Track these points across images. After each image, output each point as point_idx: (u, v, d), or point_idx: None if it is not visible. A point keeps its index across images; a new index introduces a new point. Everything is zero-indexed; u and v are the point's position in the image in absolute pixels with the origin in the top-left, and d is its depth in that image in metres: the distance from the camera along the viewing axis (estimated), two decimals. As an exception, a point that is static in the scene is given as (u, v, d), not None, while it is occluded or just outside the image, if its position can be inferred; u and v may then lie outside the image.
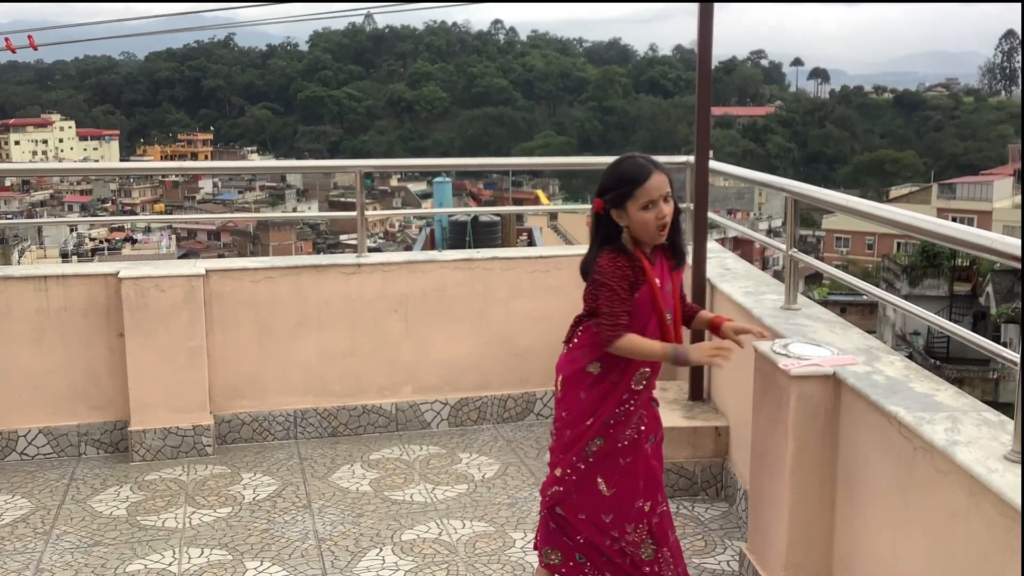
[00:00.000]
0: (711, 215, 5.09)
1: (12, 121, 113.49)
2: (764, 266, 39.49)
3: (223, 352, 5.28)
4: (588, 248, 3.10)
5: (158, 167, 32.68)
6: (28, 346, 5.09)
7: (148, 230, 66.22)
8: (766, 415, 3.50)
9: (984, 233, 2.88)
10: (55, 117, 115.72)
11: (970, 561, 2.50)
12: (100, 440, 5.23)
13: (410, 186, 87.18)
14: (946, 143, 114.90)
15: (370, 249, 6.08)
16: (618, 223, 3.00)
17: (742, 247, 36.02)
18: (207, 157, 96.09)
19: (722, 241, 12.45)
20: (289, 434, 5.42)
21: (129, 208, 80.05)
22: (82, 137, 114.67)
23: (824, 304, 5.02)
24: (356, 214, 5.72)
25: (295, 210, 69.46)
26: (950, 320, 3.93)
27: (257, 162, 35.81)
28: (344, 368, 5.47)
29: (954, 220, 3.89)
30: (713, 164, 5.07)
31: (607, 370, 3.07)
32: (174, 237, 66.03)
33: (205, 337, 5.19)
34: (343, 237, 62.76)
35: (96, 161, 61.41)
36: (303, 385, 5.43)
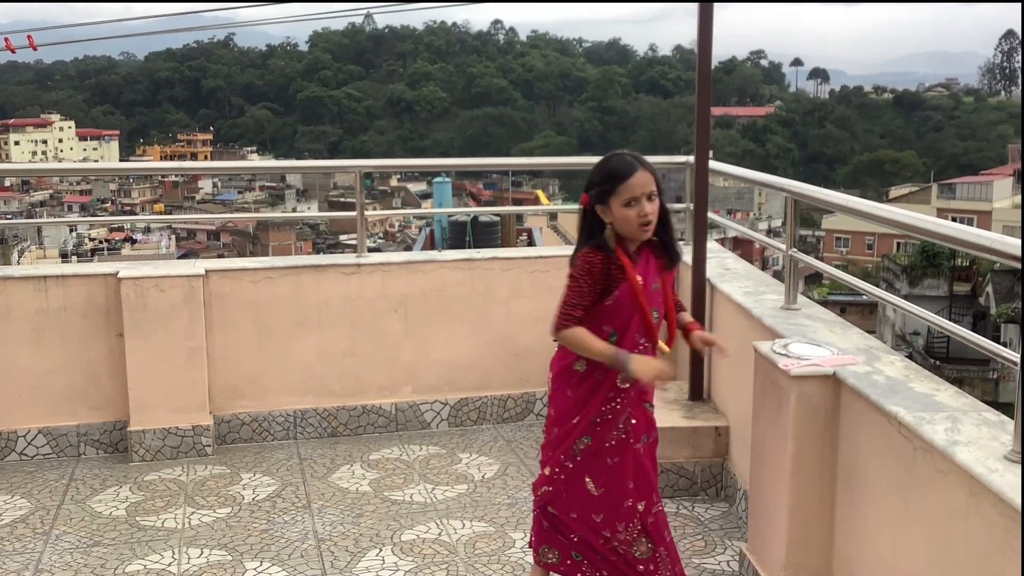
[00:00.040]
0: (711, 215, 5.08)
1: (12, 121, 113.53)
2: (764, 266, 39.50)
3: (223, 352, 5.28)
4: (576, 244, 3.12)
5: (158, 167, 32.69)
6: (28, 346, 5.09)
7: (148, 230, 66.23)
8: (766, 415, 3.50)
9: (984, 233, 2.88)
10: (55, 117, 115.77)
11: (970, 561, 2.50)
12: (100, 440, 5.23)
13: (410, 186, 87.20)
14: (946, 143, 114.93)
15: (370, 249, 6.08)
16: (602, 219, 3.02)
17: (742, 247, 36.02)
18: (207, 157, 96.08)
19: (722, 241, 12.44)
20: (289, 434, 5.42)
21: (129, 208, 80.00)
22: (82, 137, 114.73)
23: (824, 304, 5.02)
24: (356, 214, 5.72)
25: (295, 210, 69.46)
26: (950, 320, 3.92)
27: (257, 162, 35.80)
28: (344, 368, 5.46)
29: (954, 220, 3.88)
30: (713, 164, 5.07)
31: (592, 368, 3.06)
32: (174, 237, 66.04)
33: (205, 337, 5.19)
34: (343, 237, 62.79)
35: (96, 161, 61.45)
36: (303, 385, 5.43)
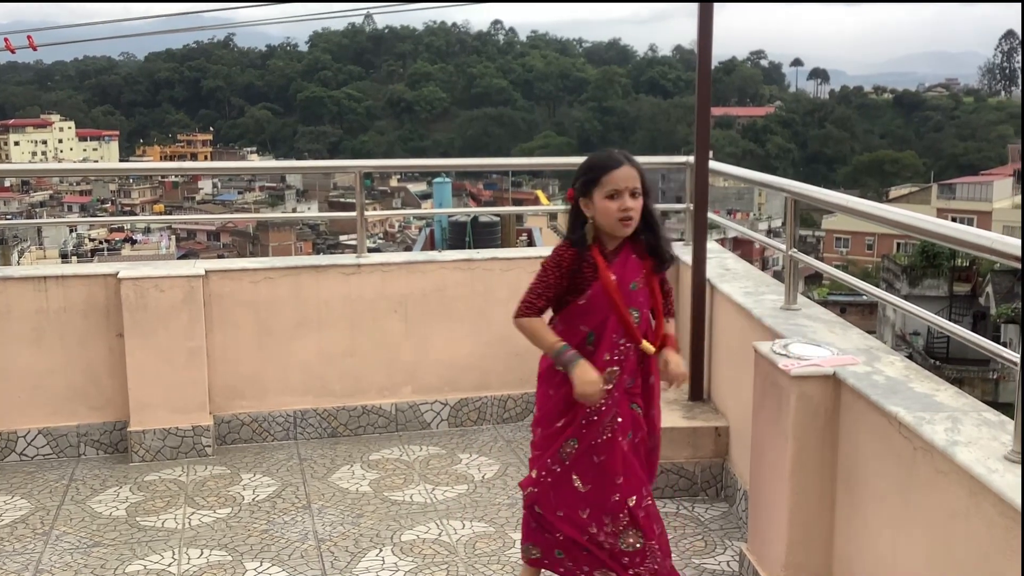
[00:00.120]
0: (711, 215, 5.08)
1: (12, 122, 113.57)
2: (764, 266, 39.50)
3: (223, 352, 5.28)
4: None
5: (158, 167, 32.73)
6: (28, 346, 5.09)
7: (148, 230, 66.23)
8: (766, 415, 3.50)
9: (984, 233, 2.88)
10: (55, 118, 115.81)
11: (970, 561, 2.50)
12: (99, 441, 5.23)
13: (410, 186, 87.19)
14: (946, 143, 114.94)
15: (370, 249, 6.07)
16: (584, 213, 3.03)
17: (742, 247, 36.01)
18: (207, 158, 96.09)
19: (722, 241, 12.43)
20: (289, 435, 5.42)
21: (128, 208, 79.96)
22: (82, 138, 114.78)
23: (824, 304, 5.01)
24: (356, 214, 5.72)
25: (295, 210, 69.49)
26: (950, 320, 3.93)
27: (257, 163, 35.82)
28: (344, 368, 5.46)
29: (954, 220, 3.88)
30: (713, 164, 5.07)
31: None
32: (174, 238, 66.04)
33: (205, 337, 5.19)
34: (343, 237, 62.81)
35: (96, 162, 61.48)
36: (303, 385, 5.43)
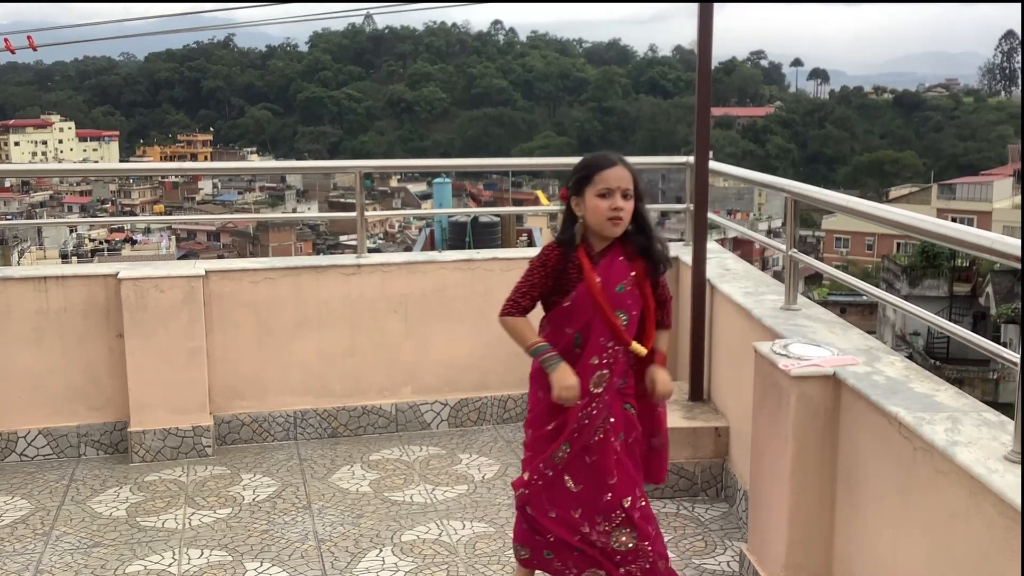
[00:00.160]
0: (711, 215, 5.08)
1: (12, 122, 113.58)
2: (764, 266, 39.49)
3: (223, 353, 5.28)
4: None
5: (158, 168, 32.78)
6: (28, 347, 5.09)
7: (148, 231, 66.22)
8: (766, 415, 3.50)
9: (984, 233, 2.88)
10: (55, 118, 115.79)
11: (970, 561, 2.50)
12: (100, 441, 5.23)
13: (410, 187, 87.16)
14: (946, 143, 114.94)
15: (370, 250, 6.07)
16: (575, 213, 3.04)
17: (742, 247, 35.98)
18: (207, 158, 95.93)
19: (722, 241, 12.43)
20: (289, 435, 5.42)
21: (129, 209, 79.86)
22: (82, 138, 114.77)
23: (824, 304, 5.02)
24: (356, 215, 5.72)
25: (295, 211, 69.50)
26: (950, 320, 3.93)
27: (257, 163, 35.84)
28: (344, 369, 5.46)
29: (954, 220, 3.89)
30: (713, 164, 5.07)
31: None
32: (174, 238, 66.03)
33: (205, 338, 5.19)
34: (343, 238, 62.79)
35: (96, 162, 61.56)
36: (303, 386, 5.43)
